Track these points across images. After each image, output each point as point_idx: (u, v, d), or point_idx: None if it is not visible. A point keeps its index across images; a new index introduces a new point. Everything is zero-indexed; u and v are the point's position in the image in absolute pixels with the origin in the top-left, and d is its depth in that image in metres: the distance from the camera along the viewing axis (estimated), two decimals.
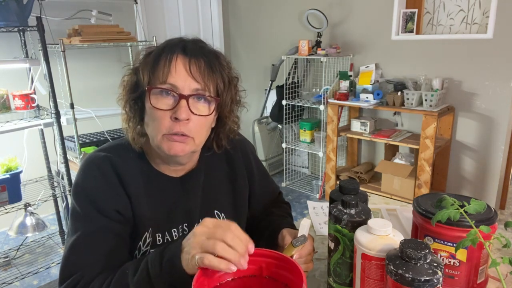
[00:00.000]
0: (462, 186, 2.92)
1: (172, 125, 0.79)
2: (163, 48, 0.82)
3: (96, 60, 3.09)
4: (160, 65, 0.80)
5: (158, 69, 0.80)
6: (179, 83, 0.79)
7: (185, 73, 0.79)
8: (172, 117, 0.79)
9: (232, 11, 4.01)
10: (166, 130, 0.80)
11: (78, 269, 0.77)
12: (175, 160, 0.88)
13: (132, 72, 0.86)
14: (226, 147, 0.96)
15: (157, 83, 0.80)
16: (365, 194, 0.93)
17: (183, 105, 0.79)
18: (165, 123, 0.79)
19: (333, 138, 3.09)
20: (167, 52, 0.81)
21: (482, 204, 0.75)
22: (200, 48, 0.83)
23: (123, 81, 0.87)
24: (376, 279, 0.73)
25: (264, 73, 3.87)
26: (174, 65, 0.79)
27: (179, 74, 0.79)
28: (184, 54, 0.81)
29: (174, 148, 0.81)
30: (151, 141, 0.84)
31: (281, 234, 0.89)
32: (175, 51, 0.81)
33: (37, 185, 2.48)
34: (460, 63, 2.74)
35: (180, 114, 0.78)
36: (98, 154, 0.86)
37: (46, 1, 2.41)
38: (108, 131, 2.68)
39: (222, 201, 0.99)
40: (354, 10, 3.16)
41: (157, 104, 0.79)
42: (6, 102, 2.16)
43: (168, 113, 0.79)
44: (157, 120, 0.80)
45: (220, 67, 0.84)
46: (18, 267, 2.35)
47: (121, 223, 0.83)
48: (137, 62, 0.85)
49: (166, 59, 0.80)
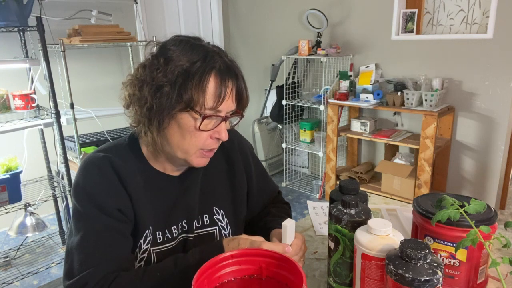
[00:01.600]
0: (462, 186, 2.92)
1: (211, 143, 0.86)
2: (214, 68, 0.80)
3: (96, 60, 3.09)
4: (213, 90, 0.80)
5: (211, 93, 0.80)
6: (225, 108, 0.83)
7: (231, 99, 0.84)
8: (212, 137, 0.85)
9: (232, 11, 4.01)
10: (203, 147, 0.85)
11: (86, 268, 0.78)
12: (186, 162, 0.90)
13: (168, 83, 0.79)
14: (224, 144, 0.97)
15: (208, 108, 0.81)
16: (365, 194, 0.93)
17: (223, 126, 0.85)
18: (203, 141, 0.84)
19: (333, 138, 3.09)
20: (221, 77, 0.81)
21: (482, 204, 0.75)
22: (238, 69, 0.86)
23: (154, 89, 0.80)
24: (376, 279, 0.73)
25: (264, 73, 3.87)
26: (229, 94, 0.82)
27: (229, 101, 0.83)
28: (236, 81, 0.84)
29: (204, 161, 0.89)
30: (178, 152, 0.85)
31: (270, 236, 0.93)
32: (228, 77, 0.82)
33: (37, 185, 2.48)
34: (460, 63, 2.74)
35: (225, 137, 0.85)
36: (97, 155, 0.86)
37: (46, 1, 2.41)
38: (108, 131, 2.68)
39: (221, 198, 0.99)
40: (354, 10, 3.16)
41: (203, 127, 0.82)
42: (6, 102, 2.16)
43: (208, 132, 0.84)
44: (197, 139, 0.84)
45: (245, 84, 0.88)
46: (18, 267, 2.35)
47: (123, 221, 0.84)
48: (175, 73, 0.79)
49: (221, 84, 0.81)
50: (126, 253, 0.84)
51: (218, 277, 0.71)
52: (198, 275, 0.66)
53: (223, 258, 0.72)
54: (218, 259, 0.71)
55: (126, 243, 0.84)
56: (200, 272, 0.66)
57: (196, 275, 0.65)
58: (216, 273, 0.70)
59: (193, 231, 0.94)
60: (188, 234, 0.93)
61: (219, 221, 0.98)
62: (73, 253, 0.80)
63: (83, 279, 0.77)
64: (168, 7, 3.56)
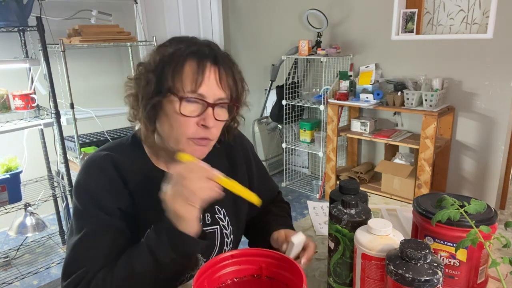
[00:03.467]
0: (462, 186, 2.92)
1: (198, 131, 0.83)
2: (192, 53, 0.81)
3: (96, 60, 3.09)
4: (190, 73, 0.80)
5: (189, 76, 0.80)
6: (208, 93, 0.81)
7: (215, 84, 0.82)
8: (199, 123, 0.82)
9: (232, 11, 4.01)
10: (192, 135, 0.83)
11: (82, 266, 0.78)
12: None
13: (150, 72, 0.82)
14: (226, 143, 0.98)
15: (187, 90, 0.80)
16: (365, 194, 0.93)
17: (210, 113, 0.82)
18: (190, 128, 0.82)
19: (333, 138, 3.09)
20: (198, 59, 0.81)
21: (482, 204, 0.75)
22: (226, 57, 0.86)
23: (138, 78, 0.85)
24: (376, 279, 0.73)
25: (264, 73, 3.87)
26: (207, 76, 0.81)
27: (210, 85, 0.81)
28: (215, 64, 0.82)
29: (197, 152, 0.85)
30: (170, 142, 0.85)
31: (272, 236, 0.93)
32: (207, 59, 0.82)
33: (37, 185, 2.48)
34: (460, 63, 2.74)
35: (209, 122, 0.82)
36: (99, 154, 0.87)
37: (46, 1, 2.41)
38: (108, 131, 2.68)
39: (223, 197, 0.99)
40: (354, 10, 3.16)
41: (185, 111, 0.81)
42: (6, 102, 2.16)
43: (194, 119, 0.82)
44: (182, 125, 0.82)
45: (239, 75, 0.87)
46: (18, 267, 2.35)
47: (123, 220, 0.84)
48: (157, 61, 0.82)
49: (198, 67, 0.80)
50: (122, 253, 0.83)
51: (218, 277, 0.71)
52: (198, 275, 0.66)
53: (223, 258, 0.72)
54: (218, 259, 0.71)
55: (126, 243, 0.84)
56: (200, 272, 0.66)
57: (196, 275, 0.66)
58: (216, 273, 0.70)
59: None
60: None
61: (220, 220, 0.98)
62: (71, 251, 0.80)
63: (78, 278, 0.77)
64: (168, 7, 3.56)
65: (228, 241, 0.99)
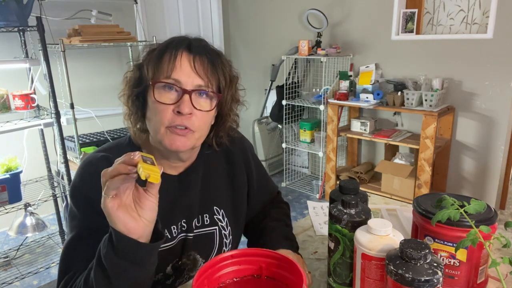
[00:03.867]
0: (462, 186, 2.92)
1: (174, 118, 0.81)
2: (167, 45, 0.84)
3: (96, 60, 3.09)
4: (164, 61, 0.82)
5: (163, 64, 0.82)
6: (183, 78, 0.81)
7: (189, 69, 0.82)
8: (175, 111, 0.81)
9: (232, 11, 4.01)
10: (168, 123, 0.81)
11: (71, 269, 0.78)
12: (176, 156, 0.89)
13: (135, 67, 0.87)
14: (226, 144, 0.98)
15: (161, 78, 0.81)
16: (365, 194, 0.93)
17: (186, 99, 0.81)
18: (167, 116, 0.81)
19: (333, 138, 3.09)
20: (171, 48, 0.83)
21: (482, 204, 0.75)
22: (203, 46, 0.86)
23: (125, 77, 0.88)
24: (376, 279, 0.73)
25: (264, 73, 3.87)
26: (179, 61, 0.82)
27: (184, 70, 0.81)
28: (189, 51, 0.83)
29: (176, 142, 0.82)
30: (153, 136, 0.85)
31: None
32: (180, 47, 0.83)
33: (37, 185, 2.48)
34: (460, 63, 2.74)
35: (184, 108, 0.80)
36: (96, 155, 0.87)
37: (46, 1, 2.41)
38: (108, 131, 2.68)
39: (221, 197, 0.99)
40: (354, 10, 3.16)
41: (161, 98, 0.81)
42: (6, 102, 2.16)
43: (171, 107, 0.81)
44: (159, 114, 0.82)
45: (222, 65, 0.86)
46: (18, 267, 2.35)
47: None
48: (141, 58, 0.87)
49: (171, 55, 0.82)
50: None
51: (218, 277, 0.71)
52: (198, 275, 0.66)
53: (223, 258, 0.72)
54: (218, 259, 0.71)
55: None
56: (200, 272, 0.66)
57: (196, 275, 0.65)
58: (216, 273, 0.70)
59: (192, 230, 0.94)
60: (187, 234, 0.93)
61: (219, 221, 0.97)
62: (62, 254, 0.81)
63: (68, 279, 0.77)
64: (168, 7, 3.56)
65: (227, 241, 0.99)
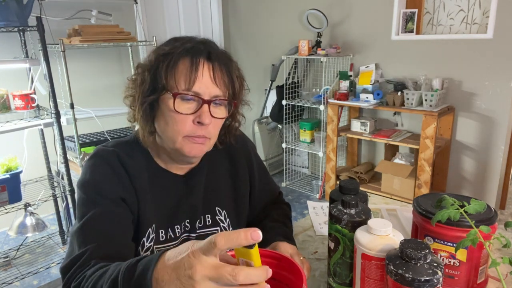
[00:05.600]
0: (462, 186, 2.92)
1: (194, 129, 0.82)
2: (186, 50, 0.82)
3: (96, 60, 3.09)
4: (184, 70, 0.80)
5: (182, 73, 0.80)
6: (203, 90, 0.81)
7: (209, 81, 0.82)
8: (194, 121, 0.82)
9: (232, 11, 4.01)
10: (188, 133, 0.82)
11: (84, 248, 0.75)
12: (187, 160, 0.90)
13: (146, 71, 0.83)
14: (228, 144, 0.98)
15: (182, 88, 0.80)
16: (365, 194, 0.93)
17: (205, 110, 0.81)
18: (187, 126, 0.82)
19: (333, 138, 3.09)
20: (192, 57, 0.81)
21: (482, 204, 0.75)
22: (221, 54, 0.85)
23: (135, 79, 0.86)
24: (376, 279, 0.73)
25: (264, 73, 3.87)
26: (201, 73, 0.81)
27: (204, 82, 0.81)
28: (209, 61, 0.82)
29: (195, 150, 0.84)
30: (168, 142, 0.85)
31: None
32: (200, 56, 0.81)
33: (37, 185, 2.48)
34: (460, 63, 2.74)
35: (205, 119, 0.81)
36: (106, 148, 0.87)
37: (46, 1, 2.41)
38: (108, 131, 2.68)
39: (224, 197, 0.99)
40: (354, 10, 3.16)
41: (179, 108, 0.81)
42: (6, 102, 2.16)
43: (190, 117, 0.82)
44: (178, 123, 0.82)
45: (236, 70, 0.87)
46: (18, 267, 2.35)
47: (126, 210, 0.83)
48: (152, 61, 0.83)
49: (191, 64, 0.80)
50: (126, 239, 0.82)
51: None
52: None
53: None
54: None
55: (126, 230, 0.83)
56: None
57: None
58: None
59: (195, 230, 0.94)
60: (190, 234, 0.94)
61: (221, 221, 0.97)
62: (73, 237, 0.79)
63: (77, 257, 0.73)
64: (168, 7, 3.56)
65: None
